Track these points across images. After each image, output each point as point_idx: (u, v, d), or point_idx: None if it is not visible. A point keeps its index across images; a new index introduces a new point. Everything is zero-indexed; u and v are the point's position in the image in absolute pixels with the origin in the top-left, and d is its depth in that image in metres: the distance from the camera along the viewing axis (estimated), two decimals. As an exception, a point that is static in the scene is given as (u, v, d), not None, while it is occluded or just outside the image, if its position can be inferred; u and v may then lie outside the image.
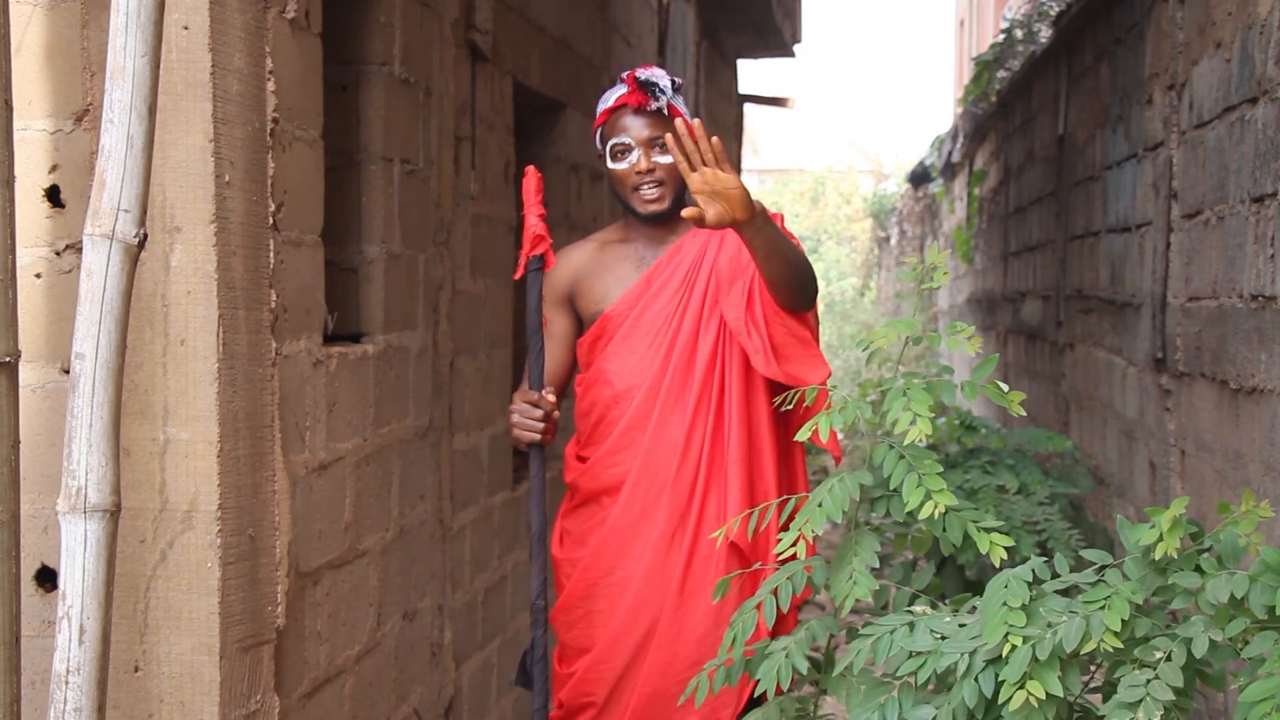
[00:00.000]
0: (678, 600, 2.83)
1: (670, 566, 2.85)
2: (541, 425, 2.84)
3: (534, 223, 2.83)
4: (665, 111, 2.87)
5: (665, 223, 2.96)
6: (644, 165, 2.86)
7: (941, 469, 2.27)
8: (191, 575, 2.31)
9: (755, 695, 2.66)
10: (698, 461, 2.85)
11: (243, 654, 2.40)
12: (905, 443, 2.26)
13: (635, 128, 2.87)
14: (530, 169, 2.89)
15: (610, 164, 2.91)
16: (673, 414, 2.85)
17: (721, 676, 2.44)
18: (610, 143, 2.90)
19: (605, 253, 3.02)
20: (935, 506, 2.21)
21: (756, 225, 2.63)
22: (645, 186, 2.88)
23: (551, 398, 2.85)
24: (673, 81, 2.90)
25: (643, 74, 2.86)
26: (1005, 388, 2.29)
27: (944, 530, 2.29)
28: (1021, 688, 1.96)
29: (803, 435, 2.40)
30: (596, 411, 2.95)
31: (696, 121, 2.58)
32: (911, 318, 2.39)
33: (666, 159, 2.87)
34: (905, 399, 2.26)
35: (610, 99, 2.93)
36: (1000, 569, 2.16)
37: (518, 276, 2.90)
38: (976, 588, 4.51)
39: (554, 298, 3.03)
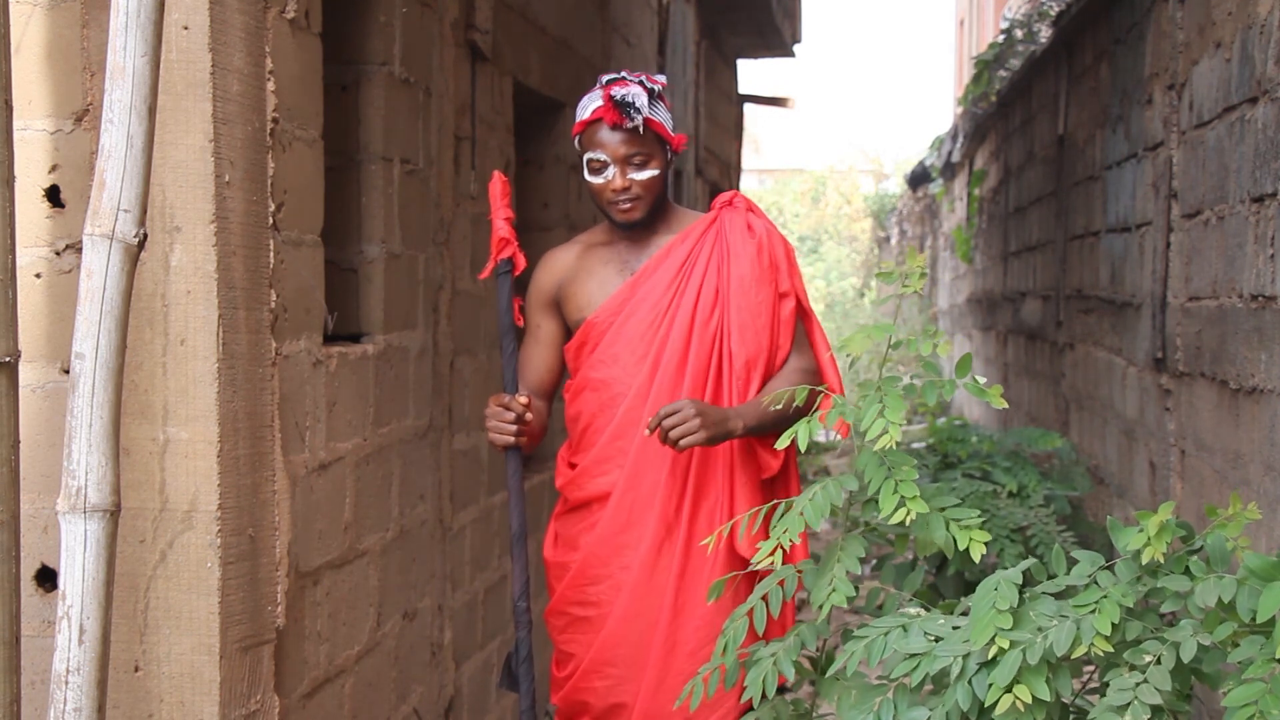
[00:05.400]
0: (671, 615, 2.81)
1: (660, 579, 2.82)
2: (514, 429, 2.80)
3: (500, 226, 2.83)
4: (642, 129, 2.81)
5: (647, 226, 2.94)
6: (619, 183, 2.83)
7: (917, 475, 2.28)
8: (191, 575, 2.31)
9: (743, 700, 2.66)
10: (686, 472, 2.83)
11: (243, 654, 2.40)
12: (876, 449, 2.27)
13: (611, 144, 2.81)
14: (496, 174, 2.88)
15: (587, 175, 2.87)
16: None
17: (716, 681, 2.44)
18: (586, 157, 2.86)
19: (590, 256, 2.98)
20: (907, 513, 2.21)
21: (734, 432, 2.77)
22: (621, 201, 2.86)
23: (524, 399, 2.82)
24: (650, 91, 2.83)
25: (618, 92, 2.78)
26: (983, 380, 2.30)
27: (924, 529, 2.30)
28: (1009, 691, 1.96)
29: (783, 442, 2.40)
30: (584, 419, 2.93)
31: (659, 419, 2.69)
32: (891, 322, 2.39)
33: (643, 175, 2.83)
34: (879, 406, 2.26)
35: (587, 110, 2.85)
36: (988, 570, 2.17)
37: (483, 277, 2.90)
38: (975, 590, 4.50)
39: (541, 300, 3.00)
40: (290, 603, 2.58)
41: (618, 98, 2.78)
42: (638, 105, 2.78)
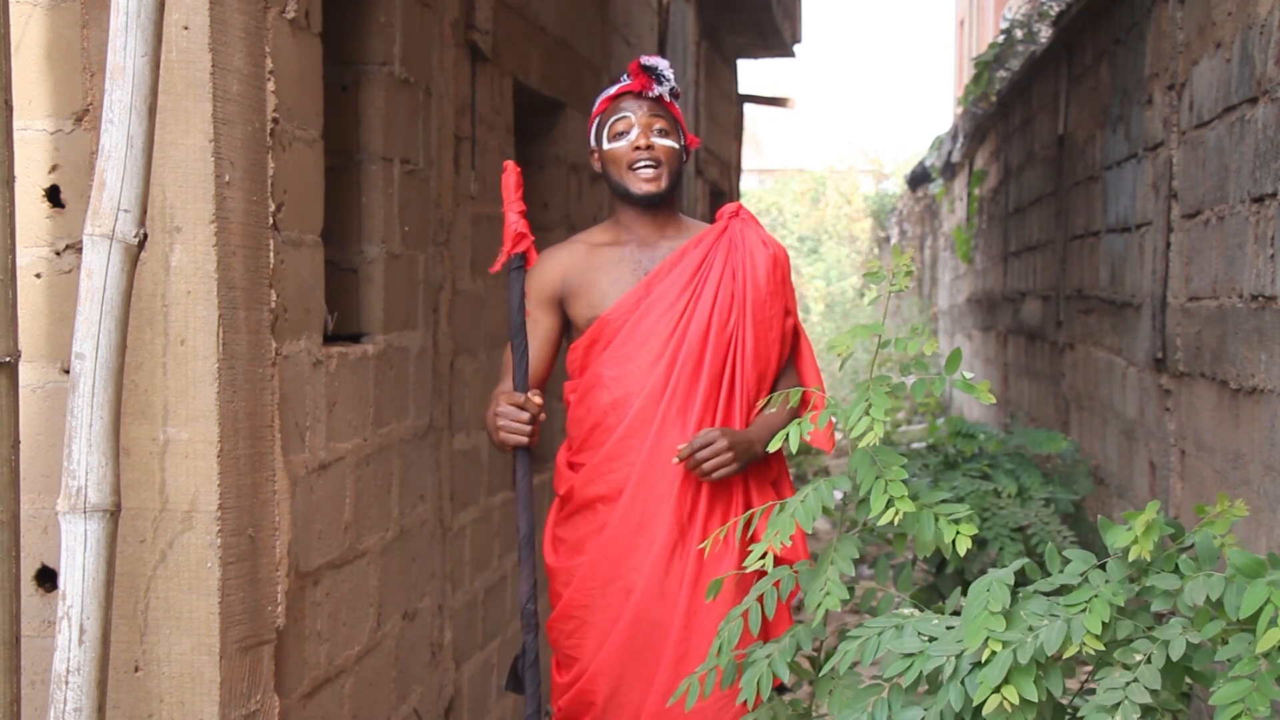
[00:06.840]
0: (685, 620, 2.79)
1: (673, 583, 2.80)
2: (529, 428, 2.78)
3: (514, 220, 2.77)
4: (666, 100, 2.92)
5: (660, 220, 2.94)
6: (643, 141, 2.87)
7: (906, 475, 2.27)
8: (191, 575, 2.31)
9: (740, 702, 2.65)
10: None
11: (243, 654, 2.40)
12: (859, 447, 2.27)
13: (635, 108, 2.90)
14: (509, 163, 2.83)
15: (607, 144, 2.91)
16: (675, 424, 2.82)
17: (712, 682, 2.43)
18: (611, 120, 2.91)
19: (597, 255, 2.96)
20: (896, 513, 2.21)
21: (757, 456, 2.84)
22: (642, 165, 2.87)
23: (538, 399, 2.80)
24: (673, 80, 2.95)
25: (647, 60, 2.90)
26: (971, 375, 2.29)
27: (916, 527, 2.30)
28: (997, 691, 1.96)
29: (774, 445, 2.40)
30: (592, 418, 2.90)
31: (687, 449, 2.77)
32: (881, 323, 2.39)
33: (666, 142, 2.89)
34: (865, 404, 2.26)
35: (610, 90, 2.98)
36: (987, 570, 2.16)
37: (494, 271, 2.86)
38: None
39: (541, 297, 2.96)
40: (290, 603, 2.58)
41: (647, 64, 2.89)
42: (664, 74, 2.90)
